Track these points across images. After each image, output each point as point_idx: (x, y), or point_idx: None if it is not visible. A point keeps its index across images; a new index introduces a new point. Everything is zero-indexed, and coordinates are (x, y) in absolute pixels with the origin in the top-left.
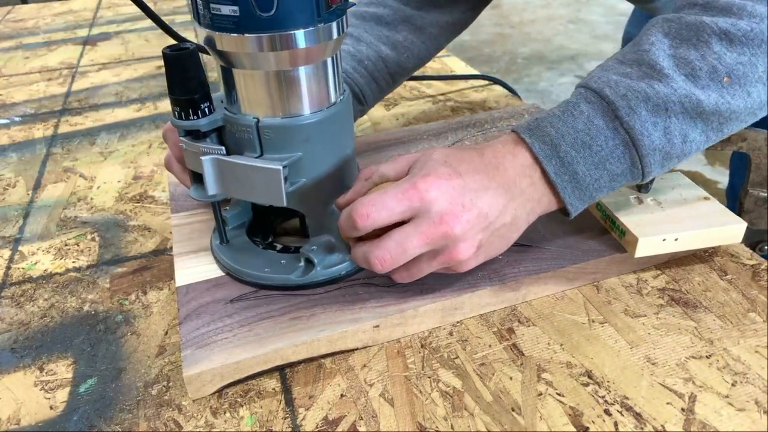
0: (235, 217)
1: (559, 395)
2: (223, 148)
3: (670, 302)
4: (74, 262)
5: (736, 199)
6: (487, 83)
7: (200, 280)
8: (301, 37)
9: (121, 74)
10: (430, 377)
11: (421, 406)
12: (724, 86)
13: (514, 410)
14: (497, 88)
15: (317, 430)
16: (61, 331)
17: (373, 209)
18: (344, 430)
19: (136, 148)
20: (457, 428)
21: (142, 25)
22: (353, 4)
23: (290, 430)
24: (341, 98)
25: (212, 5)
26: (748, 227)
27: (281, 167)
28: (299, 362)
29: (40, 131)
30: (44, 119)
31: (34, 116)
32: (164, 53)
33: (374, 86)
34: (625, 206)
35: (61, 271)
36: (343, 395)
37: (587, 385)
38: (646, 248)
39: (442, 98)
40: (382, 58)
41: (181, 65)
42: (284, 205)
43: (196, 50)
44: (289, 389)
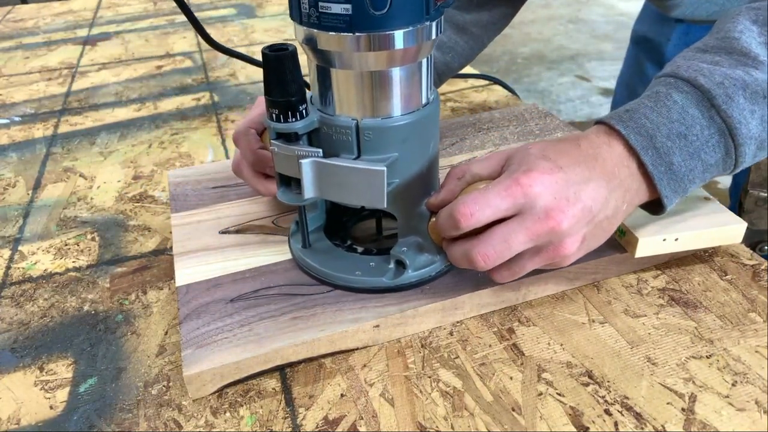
0: (312, 220)
1: (559, 395)
2: (320, 150)
3: (670, 302)
4: (74, 261)
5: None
6: (487, 83)
7: (200, 279)
8: (410, 35)
9: (121, 74)
10: (430, 377)
11: (421, 406)
12: None
13: (514, 410)
14: (497, 88)
15: (317, 430)
16: (61, 330)
17: (476, 207)
18: (344, 430)
19: (136, 148)
20: (457, 428)
21: (142, 25)
22: (452, 2)
23: (290, 430)
24: (432, 97)
25: (321, 3)
26: (748, 227)
27: (385, 169)
28: (299, 362)
29: (40, 131)
30: (44, 119)
31: (34, 116)
32: (264, 54)
33: None
34: None
35: (61, 270)
36: (343, 395)
37: (587, 385)
38: (646, 248)
39: (442, 98)
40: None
41: (281, 66)
42: (384, 206)
43: (296, 51)
44: (289, 389)
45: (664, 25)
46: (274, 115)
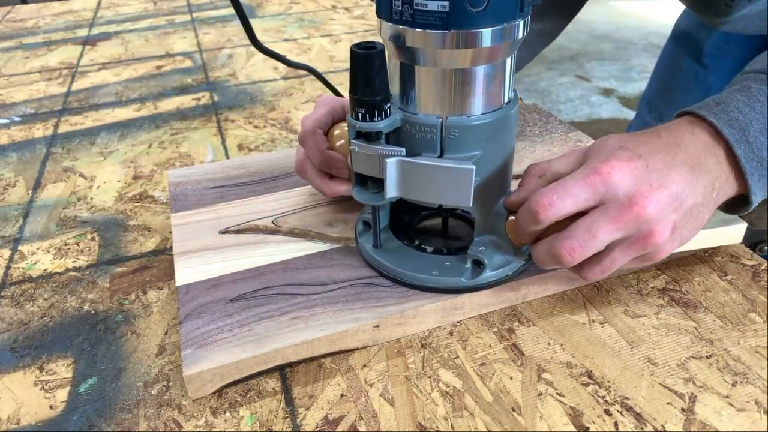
0: (380, 219)
1: (559, 395)
2: (403, 149)
3: (670, 302)
4: (74, 261)
5: None
6: None
7: (200, 279)
8: (502, 33)
9: (121, 74)
10: (430, 377)
11: (421, 406)
12: None
13: (514, 410)
14: None
15: (317, 430)
16: (60, 330)
17: (555, 197)
18: (344, 430)
19: (136, 147)
20: (457, 428)
21: (142, 25)
22: (540, 1)
23: (290, 430)
24: (512, 95)
25: (417, 0)
26: (748, 227)
27: (473, 167)
28: (299, 362)
29: (40, 131)
30: (44, 119)
31: (34, 116)
32: (353, 52)
33: None
34: None
35: (60, 270)
36: (343, 395)
37: (587, 385)
38: None
39: None
40: None
41: (370, 65)
42: (470, 206)
43: (384, 50)
44: (289, 389)
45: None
46: (360, 114)
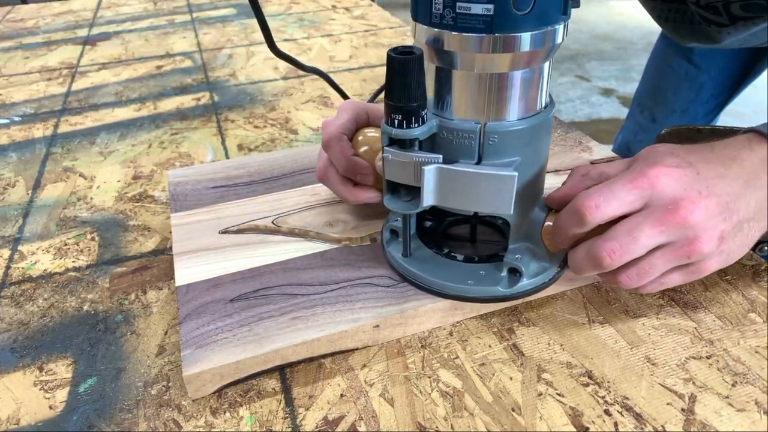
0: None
1: (559, 395)
2: (440, 156)
3: (670, 302)
4: (74, 261)
5: None
6: None
7: (200, 279)
8: (545, 36)
9: (121, 74)
10: (430, 377)
11: (421, 406)
12: None
13: (514, 410)
14: None
15: (317, 430)
16: (60, 330)
17: (601, 199)
18: (344, 430)
19: (135, 147)
20: (457, 428)
21: (142, 25)
22: (579, 4)
23: (290, 430)
24: (548, 99)
25: (460, 4)
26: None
27: (516, 174)
28: (299, 362)
29: (39, 131)
30: (44, 119)
31: (34, 116)
32: (390, 57)
33: None
34: None
35: (60, 270)
36: (343, 395)
37: (587, 385)
38: None
39: None
40: None
41: (407, 70)
42: (510, 213)
43: (422, 55)
44: (289, 389)
45: None
46: (396, 120)
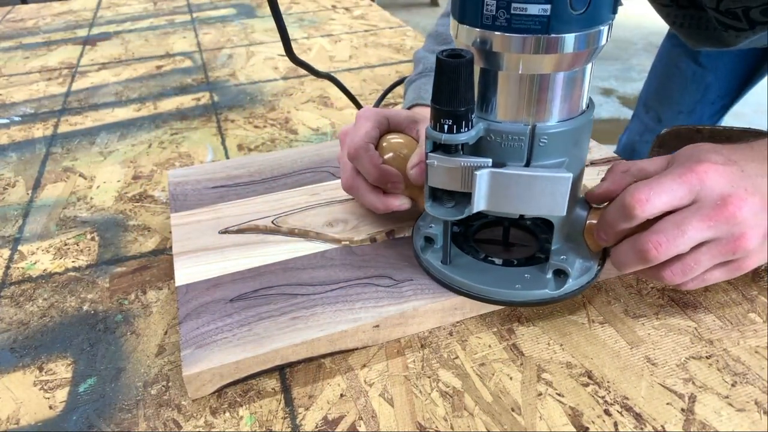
0: (440, 234)
1: (559, 395)
2: (489, 160)
3: (670, 303)
4: (74, 261)
5: None
6: None
7: (200, 279)
8: (592, 37)
9: (121, 74)
10: (430, 377)
11: (421, 406)
12: None
13: (514, 410)
14: None
15: (317, 430)
16: (60, 330)
17: (651, 193)
18: (344, 430)
19: (135, 147)
20: (456, 428)
21: (142, 25)
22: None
23: (290, 430)
24: (589, 99)
25: (515, 5)
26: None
27: (571, 175)
28: (299, 362)
29: (39, 131)
30: (44, 119)
31: (34, 116)
32: (440, 60)
33: None
34: None
35: (60, 270)
36: (342, 395)
37: (587, 385)
38: None
39: None
40: None
41: (459, 74)
42: (564, 214)
43: (473, 59)
44: (288, 389)
45: None
46: (446, 125)
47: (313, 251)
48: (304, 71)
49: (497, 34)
